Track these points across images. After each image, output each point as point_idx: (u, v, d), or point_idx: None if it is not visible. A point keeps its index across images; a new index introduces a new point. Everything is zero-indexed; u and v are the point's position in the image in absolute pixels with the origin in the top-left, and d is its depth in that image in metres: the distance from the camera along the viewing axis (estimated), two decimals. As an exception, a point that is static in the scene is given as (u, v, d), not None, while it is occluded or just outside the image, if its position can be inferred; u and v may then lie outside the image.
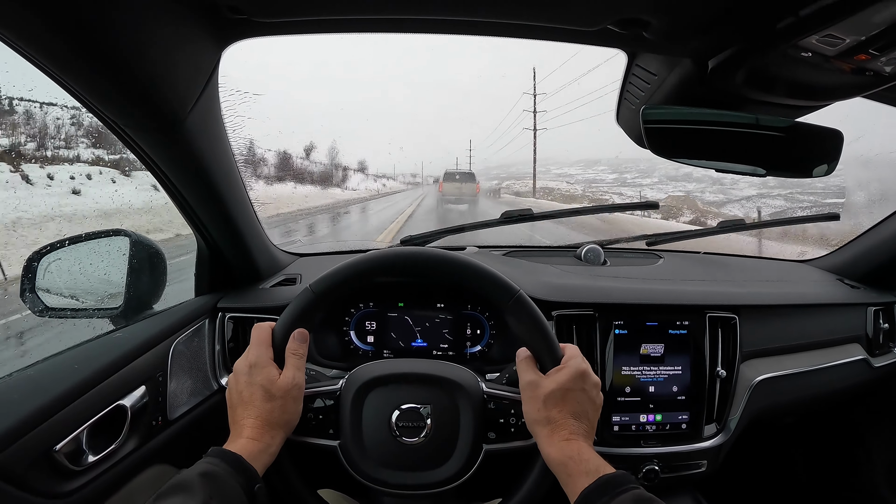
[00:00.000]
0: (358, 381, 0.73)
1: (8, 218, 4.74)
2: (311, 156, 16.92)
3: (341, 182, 28.59)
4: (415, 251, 0.73)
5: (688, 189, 27.20)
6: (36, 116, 10.18)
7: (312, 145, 17.23)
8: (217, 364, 0.99)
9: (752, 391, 1.05)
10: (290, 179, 15.19)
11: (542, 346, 0.69)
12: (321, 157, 18.07)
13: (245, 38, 0.70)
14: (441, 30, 0.68)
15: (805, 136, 0.81)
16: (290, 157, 12.34)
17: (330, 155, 19.72)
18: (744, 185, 21.67)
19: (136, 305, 0.94)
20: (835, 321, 1.22)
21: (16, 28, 0.51)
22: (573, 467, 0.61)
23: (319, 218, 12.12)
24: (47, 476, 0.64)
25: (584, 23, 0.65)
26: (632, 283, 1.13)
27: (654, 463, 0.99)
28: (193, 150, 0.76)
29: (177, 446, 0.85)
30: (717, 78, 0.74)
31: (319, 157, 17.95)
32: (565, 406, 0.65)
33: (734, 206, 19.85)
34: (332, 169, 17.66)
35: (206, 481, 0.54)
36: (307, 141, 27.04)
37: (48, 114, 10.18)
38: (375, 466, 0.71)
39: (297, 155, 14.99)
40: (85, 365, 0.73)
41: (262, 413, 0.64)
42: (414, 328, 1.08)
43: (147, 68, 0.60)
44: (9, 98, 9.62)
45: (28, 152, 8.83)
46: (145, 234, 0.96)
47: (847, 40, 0.59)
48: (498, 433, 0.72)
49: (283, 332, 0.69)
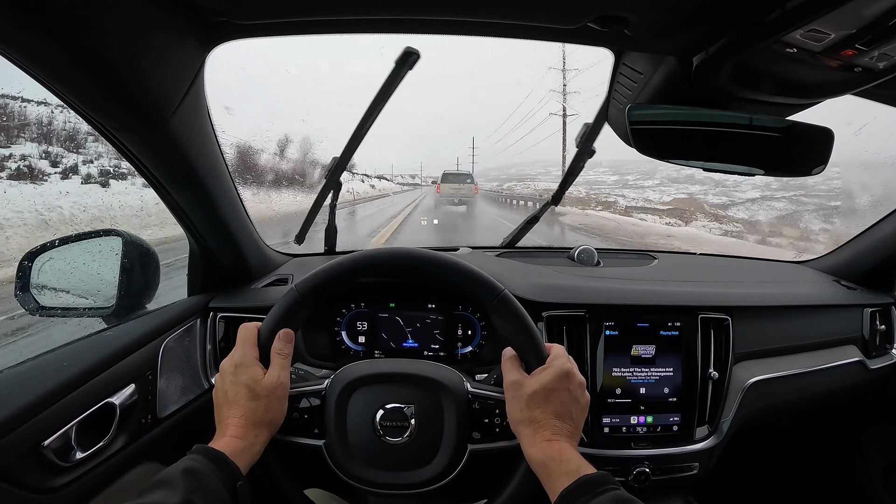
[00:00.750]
0: (343, 381, 0.73)
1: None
2: (287, 152, 14.00)
3: (316, 184, 26.54)
4: (400, 251, 0.73)
5: (690, 191, 27.02)
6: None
7: (288, 139, 14.61)
8: (208, 363, 0.99)
9: (744, 393, 1.04)
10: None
11: (526, 346, 0.69)
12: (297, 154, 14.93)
13: (230, 40, 0.70)
14: (420, 30, 0.68)
15: (794, 135, 0.81)
16: (254, 153, 9.89)
17: (302, 149, 15.52)
18: (747, 188, 21.43)
19: (128, 305, 0.95)
20: (830, 322, 1.20)
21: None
22: (553, 467, 0.60)
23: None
24: (35, 471, 0.64)
25: (564, 21, 0.65)
26: (624, 283, 1.12)
27: (644, 465, 0.99)
28: (179, 150, 0.77)
29: (166, 444, 0.86)
30: (702, 75, 0.73)
31: (295, 153, 14.95)
32: (549, 406, 0.64)
33: (739, 209, 19.63)
34: (305, 167, 14.42)
35: (188, 477, 0.55)
36: (292, 137, 23.82)
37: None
38: (360, 466, 0.71)
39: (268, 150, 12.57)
40: (74, 362, 0.73)
41: (247, 412, 0.64)
42: (405, 329, 1.08)
43: (129, 70, 0.61)
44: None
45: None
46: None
47: (832, 35, 0.58)
48: (483, 433, 0.72)
49: (269, 332, 0.70)
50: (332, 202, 1.26)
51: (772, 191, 20.96)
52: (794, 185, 19.64)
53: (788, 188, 20.01)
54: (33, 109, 10.39)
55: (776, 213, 18.54)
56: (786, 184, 19.14)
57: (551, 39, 0.73)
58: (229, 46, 0.72)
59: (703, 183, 27.79)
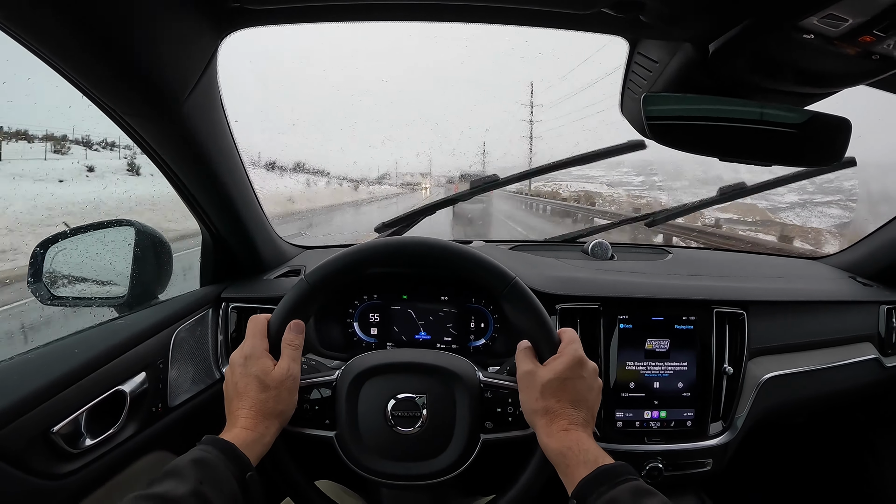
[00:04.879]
0: (353, 371, 0.73)
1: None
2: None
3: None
4: (411, 240, 0.73)
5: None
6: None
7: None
8: (219, 353, 0.99)
9: (759, 389, 1.03)
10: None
11: (538, 334, 0.68)
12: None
13: (245, 27, 0.71)
14: (433, 17, 0.68)
15: (812, 125, 0.79)
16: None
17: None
18: (783, 190, 20.93)
19: (140, 295, 0.95)
20: (846, 319, 1.19)
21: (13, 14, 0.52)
22: (571, 457, 0.60)
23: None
24: (44, 457, 0.64)
25: (577, 6, 0.64)
26: (638, 277, 1.12)
27: (658, 460, 0.98)
28: (191, 136, 0.77)
29: (177, 433, 0.86)
30: (718, 63, 0.72)
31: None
32: (564, 395, 0.64)
33: (786, 213, 18.83)
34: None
35: (198, 467, 0.54)
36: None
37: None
38: (372, 457, 0.70)
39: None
40: (85, 350, 0.73)
41: (257, 403, 0.64)
42: (417, 321, 1.07)
43: (145, 53, 0.61)
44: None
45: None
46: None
47: (849, 21, 0.57)
48: (495, 423, 0.71)
49: (279, 323, 0.69)
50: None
51: (808, 194, 20.42)
52: (832, 188, 19.14)
53: (826, 192, 19.44)
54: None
55: (832, 220, 17.78)
56: (820, 186, 18.66)
57: (564, 27, 0.72)
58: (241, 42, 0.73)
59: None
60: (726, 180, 1.22)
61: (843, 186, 19.27)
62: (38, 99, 2.96)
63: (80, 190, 6.30)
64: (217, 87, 0.78)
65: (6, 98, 1.86)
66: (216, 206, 0.92)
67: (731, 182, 1.21)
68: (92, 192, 6.78)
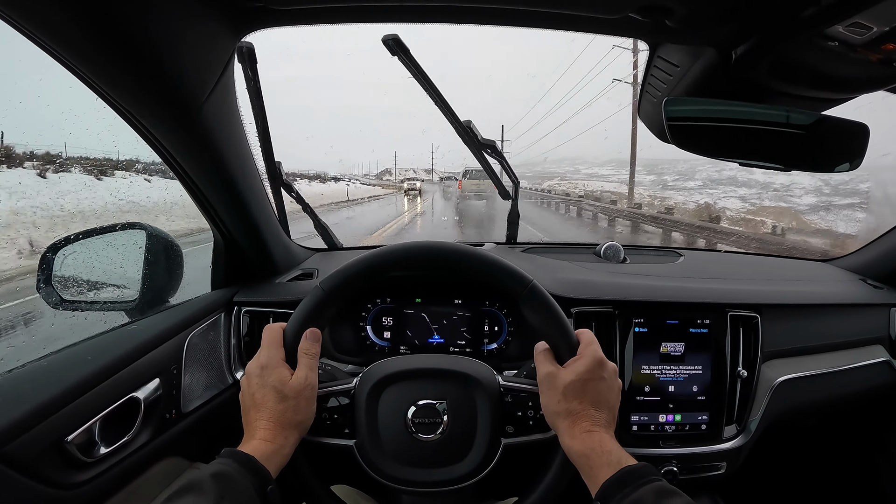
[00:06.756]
0: (372, 379, 0.72)
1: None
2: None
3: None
4: (427, 244, 0.72)
5: (740, 194, 25.53)
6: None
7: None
8: (232, 358, 0.98)
9: (773, 392, 1.03)
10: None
11: (557, 336, 0.68)
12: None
13: (263, 28, 0.70)
14: (459, 19, 0.67)
15: (831, 129, 0.79)
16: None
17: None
18: (799, 192, 20.60)
19: (152, 299, 0.94)
20: (857, 322, 1.19)
21: (35, 18, 0.51)
22: (595, 459, 0.60)
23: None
24: (58, 466, 0.63)
25: (605, 10, 0.64)
26: (652, 280, 1.11)
27: (672, 464, 0.98)
28: (208, 138, 0.76)
29: (190, 439, 0.85)
30: (741, 68, 0.72)
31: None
32: (585, 396, 0.64)
33: (812, 215, 18.49)
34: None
35: (218, 482, 0.54)
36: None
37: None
38: (393, 465, 0.69)
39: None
40: (98, 356, 0.72)
41: (275, 414, 0.63)
42: (431, 325, 1.06)
43: (161, 56, 0.60)
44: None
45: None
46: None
47: (874, 29, 0.57)
48: (516, 427, 0.71)
49: (295, 332, 0.68)
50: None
51: (826, 196, 20.25)
52: (847, 190, 18.99)
53: (844, 194, 19.23)
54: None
55: (859, 224, 17.50)
56: (836, 188, 18.45)
57: (589, 30, 0.71)
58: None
59: (750, 185, 26.28)
60: (742, 181, 1.23)
61: (858, 188, 19.14)
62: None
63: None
64: (233, 88, 0.77)
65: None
66: (230, 208, 0.91)
67: (747, 181, 1.21)
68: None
